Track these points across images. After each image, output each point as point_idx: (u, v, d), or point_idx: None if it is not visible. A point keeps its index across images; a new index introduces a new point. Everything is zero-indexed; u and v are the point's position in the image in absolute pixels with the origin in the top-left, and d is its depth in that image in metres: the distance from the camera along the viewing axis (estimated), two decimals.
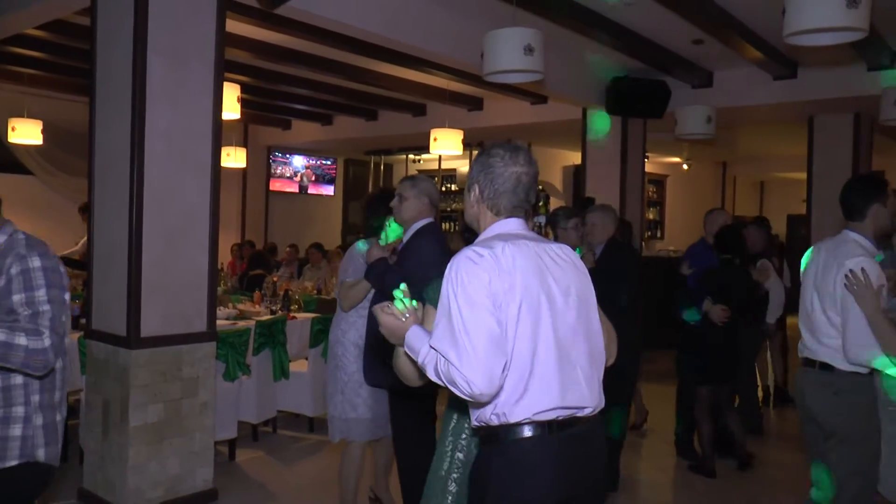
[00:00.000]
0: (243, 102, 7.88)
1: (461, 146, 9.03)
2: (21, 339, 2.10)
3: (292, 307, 6.95)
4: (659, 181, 14.44)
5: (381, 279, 3.59)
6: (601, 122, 8.71)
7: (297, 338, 6.17)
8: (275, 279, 8.04)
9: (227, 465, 5.21)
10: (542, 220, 14.32)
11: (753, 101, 8.03)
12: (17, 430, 2.23)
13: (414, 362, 2.05)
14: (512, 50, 5.00)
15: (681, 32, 6.64)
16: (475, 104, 10.05)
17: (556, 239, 4.88)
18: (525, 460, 1.98)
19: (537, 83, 6.49)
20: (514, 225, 2.14)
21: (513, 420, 1.97)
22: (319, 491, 4.85)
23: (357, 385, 3.93)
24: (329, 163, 14.22)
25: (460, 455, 2.47)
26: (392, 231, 3.78)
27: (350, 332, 3.98)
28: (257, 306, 6.95)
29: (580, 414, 2.04)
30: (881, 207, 3.18)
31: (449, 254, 3.72)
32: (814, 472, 3.27)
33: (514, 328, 1.94)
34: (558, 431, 2.00)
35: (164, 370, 4.34)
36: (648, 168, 10.70)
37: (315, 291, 8.44)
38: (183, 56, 4.39)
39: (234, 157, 10.50)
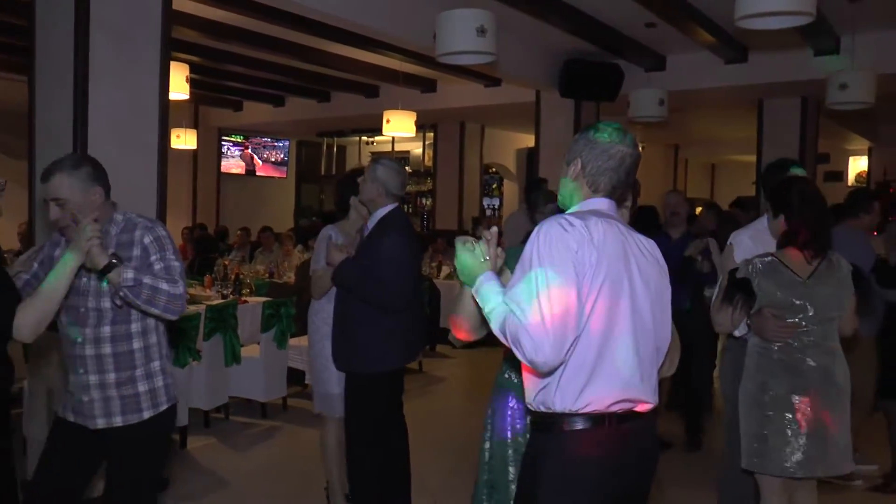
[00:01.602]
0: (193, 83, 7.69)
1: (414, 128, 8.99)
2: (164, 285, 2.50)
3: (244, 291, 6.86)
4: None
5: (347, 282, 3.57)
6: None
7: (248, 322, 6.08)
8: (226, 263, 7.91)
9: (178, 453, 5.11)
10: (496, 202, 14.42)
11: (705, 85, 8.15)
12: (159, 381, 2.71)
13: (479, 312, 1.98)
14: (465, 31, 4.97)
15: (634, 16, 6.67)
16: (428, 86, 9.99)
17: (533, 223, 4.88)
18: (581, 454, 1.94)
19: (490, 65, 6.47)
20: (607, 205, 2.09)
21: (577, 407, 1.92)
22: (272, 477, 4.80)
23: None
24: (280, 144, 14.03)
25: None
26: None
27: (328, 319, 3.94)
28: (208, 290, 6.84)
29: (638, 409, 1.99)
30: None
31: (412, 239, 3.74)
32: None
33: (591, 304, 1.89)
34: (617, 424, 1.95)
35: None
36: None
37: (267, 275, 8.32)
38: (128, 33, 4.25)
39: (184, 140, 10.30)
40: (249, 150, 13.49)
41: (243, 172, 13.42)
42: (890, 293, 4.49)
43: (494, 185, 14.46)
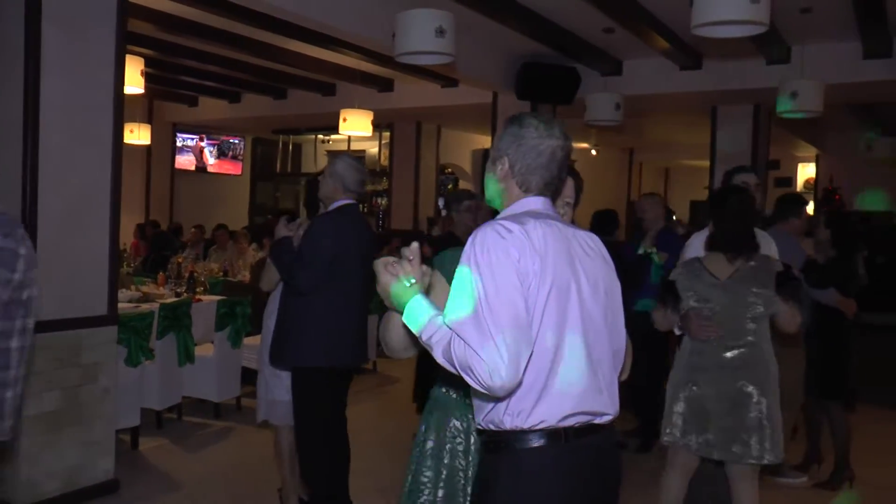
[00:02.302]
0: (147, 77, 7.56)
1: (370, 127, 8.96)
2: None
3: (198, 289, 6.78)
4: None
5: (279, 258, 3.62)
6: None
7: (202, 321, 6.01)
8: (180, 260, 7.79)
9: (129, 455, 5.03)
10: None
11: (660, 90, 8.27)
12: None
13: (409, 334, 1.84)
14: (423, 31, 4.98)
15: (592, 20, 6.74)
16: (386, 85, 9.96)
17: (453, 222, 4.90)
18: (537, 472, 1.80)
19: (448, 66, 6.48)
20: (542, 204, 1.92)
21: (528, 425, 1.77)
22: (226, 478, 4.74)
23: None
24: (236, 141, 13.85)
25: (450, 460, 2.28)
26: None
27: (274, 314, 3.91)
28: (161, 288, 6.76)
29: (598, 421, 1.85)
30: None
31: (358, 234, 3.71)
32: None
33: (540, 315, 1.74)
34: (574, 440, 1.80)
35: (61, 356, 4.13)
36: None
37: (221, 273, 8.23)
38: (81, 25, 4.16)
39: (137, 135, 10.12)
40: (204, 147, 13.29)
41: (197, 169, 13.21)
42: (818, 293, 4.65)
43: (450, 186, 14.49)
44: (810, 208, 10.55)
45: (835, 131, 12.75)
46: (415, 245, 1.82)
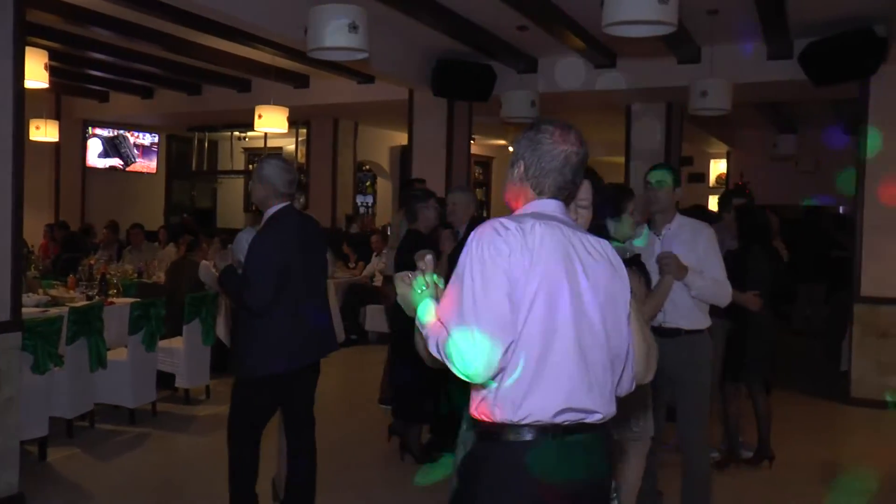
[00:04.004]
0: (53, 71, 7.26)
1: (286, 124, 8.85)
2: None
3: (110, 292, 6.58)
4: (485, 163, 14.87)
5: (227, 289, 3.67)
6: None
7: (115, 324, 5.84)
8: (92, 262, 7.52)
9: (36, 466, 4.82)
10: (369, 199, 14.40)
11: (575, 88, 8.40)
12: None
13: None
14: (336, 26, 4.95)
15: (506, 18, 6.79)
16: (301, 81, 9.86)
17: (416, 219, 4.92)
18: (523, 466, 1.85)
19: (363, 62, 6.45)
20: (552, 207, 1.99)
21: (517, 418, 1.83)
22: (140, 487, 4.60)
23: None
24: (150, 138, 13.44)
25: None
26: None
27: None
28: (72, 292, 6.54)
29: (589, 419, 1.89)
30: None
31: (302, 233, 3.66)
32: None
33: (526, 310, 1.81)
34: (563, 436, 1.86)
35: None
36: (474, 150, 10.98)
37: (136, 275, 7.98)
38: None
39: (44, 131, 9.69)
40: (117, 144, 12.85)
41: (110, 167, 12.76)
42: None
43: (368, 183, 14.46)
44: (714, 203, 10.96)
45: (744, 129, 13.27)
46: (429, 257, 1.99)
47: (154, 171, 13.55)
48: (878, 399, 6.70)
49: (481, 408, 1.90)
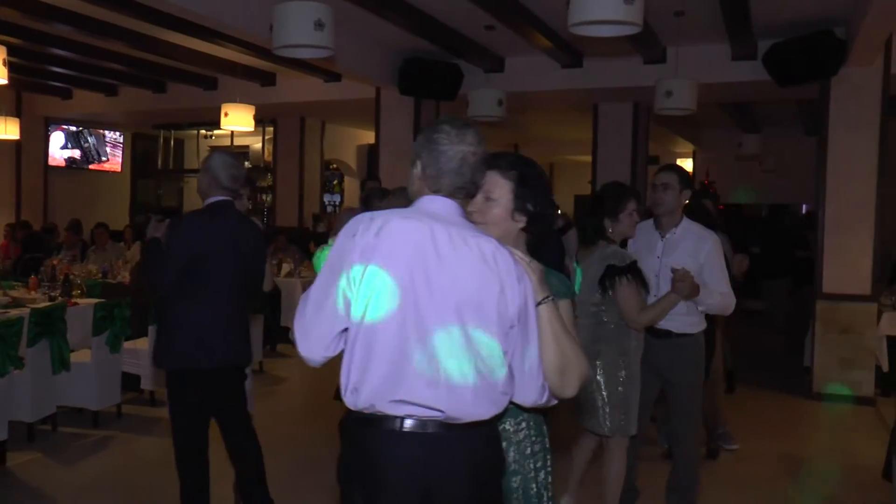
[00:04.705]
0: (12, 67, 7.13)
1: (253, 122, 8.81)
2: None
3: (74, 292, 6.48)
4: None
5: (145, 259, 3.73)
6: None
7: (79, 325, 5.73)
8: (55, 262, 7.40)
9: None
10: (336, 198, 14.34)
11: (542, 87, 8.45)
12: None
13: None
14: (301, 24, 4.93)
15: (473, 17, 6.81)
16: (268, 79, 9.80)
17: None
18: (372, 457, 1.87)
19: (329, 60, 6.42)
20: (439, 205, 1.95)
21: (359, 406, 1.85)
22: (104, 490, 4.53)
23: None
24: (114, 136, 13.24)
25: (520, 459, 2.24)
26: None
27: None
28: (33, 293, 6.42)
29: (429, 415, 1.84)
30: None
31: (229, 232, 3.61)
32: None
33: (364, 301, 1.82)
34: (404, 430, 1.84)
35: None
36: None
37: (100, 275, 7.87)
38: None
39: (4, 129, 9.50)
40: (80, 141, 12.64)
41: (73, 165, 12.55)
42: None
43: (335, 182, 14.40)
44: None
45: (709, 128, 13.44)
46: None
47: (119, 169, 13.36)
48: (839, 393, 6.83)
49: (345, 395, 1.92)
